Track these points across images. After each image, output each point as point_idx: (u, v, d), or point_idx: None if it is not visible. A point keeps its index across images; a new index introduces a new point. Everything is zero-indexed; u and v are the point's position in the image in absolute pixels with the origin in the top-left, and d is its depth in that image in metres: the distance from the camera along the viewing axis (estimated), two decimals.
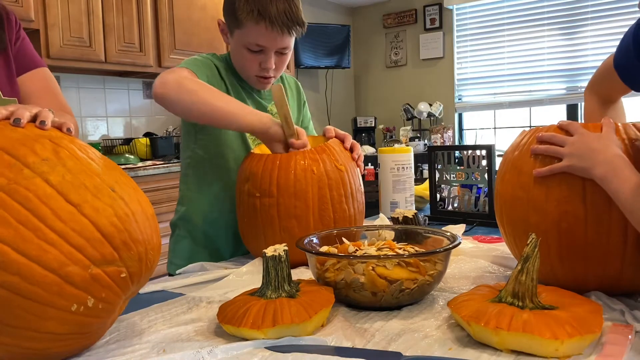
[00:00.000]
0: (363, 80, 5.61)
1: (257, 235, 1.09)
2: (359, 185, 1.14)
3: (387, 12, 5.33)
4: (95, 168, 0.66)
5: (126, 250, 0.64)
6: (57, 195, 0.61)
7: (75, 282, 0.60)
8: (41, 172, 0.61)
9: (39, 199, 0.59)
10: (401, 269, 0.80)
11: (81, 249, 0.60)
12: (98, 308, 0.63)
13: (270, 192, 1.05)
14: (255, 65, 1.25)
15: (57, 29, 2.80)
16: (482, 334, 0.66)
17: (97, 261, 0.61)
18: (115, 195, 0.65)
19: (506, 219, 0.89)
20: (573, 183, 0.79)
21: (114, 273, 0.63)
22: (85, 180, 0.63)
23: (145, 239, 0.67)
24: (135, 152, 3.38)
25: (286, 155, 1.07)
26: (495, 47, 4.80)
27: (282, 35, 1.20)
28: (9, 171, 0.59)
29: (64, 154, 0.65)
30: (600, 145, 0.78)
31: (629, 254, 0.77)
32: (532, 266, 0.68)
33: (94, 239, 0.61)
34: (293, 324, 0.69)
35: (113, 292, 0.64)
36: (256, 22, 1.18)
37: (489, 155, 1.39)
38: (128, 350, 0.69)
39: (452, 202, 1.50)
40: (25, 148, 0.62)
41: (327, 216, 1.06)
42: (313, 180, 1.05)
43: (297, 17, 1.20)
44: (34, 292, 0.57)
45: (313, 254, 0.85)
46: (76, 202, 0.61)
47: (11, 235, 0.57)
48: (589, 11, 4.33)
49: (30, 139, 0.64)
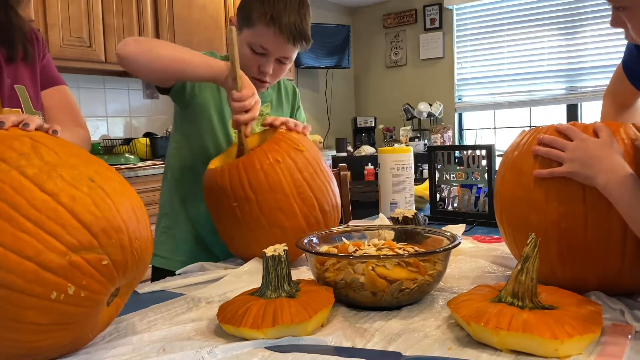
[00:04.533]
0: (363, 80, 5.61)
1: (249, 242, 1.09)
2: (319, 158, 1.16)
3: (387, 12, 5.33)
4: (74, 161, 0.67)
5: (106, 238, 0.64)
6: (33, 185, 0.62)
7: (53, 269, 0.60)
8: (17, 165, 0.62)
9: (14, 190, 0.60)
10: (401, 269, 0.80)
11: (57, 236, 0.60)
12: (80, 296, 0.62)
13: (247, 197, 1.04)
14: (254, 67, 1.27)
15: (57, 29, 2.80)
16: (481, 334, 0.66)
17: (75, 247, 0.61)
18: (94, 185, 0.66)
19: (506, 219, 0.89)
20: (573, 183, 0.79)
21: (94, 260, 0.63)
22: (62, 172, 0.64)
23: (129, 228, 0.67)
24: (135, 152, 3.37)
25: (246, 157, 1.08)
26: (495, 47, 4.80)
27: (287, 44, 1.25)
28: None
29: (42, 149, 0.66)
30: (601, 153, 0.78)
31: (629, 254, 0.77)
32: (532, 266, 0.68)
33: (70, 226, 0.61)
34: (293, 324, 0.69)
35: (95, 280, 0.63)
36: (267, 25, 1.22)
37: (488, 155, 1.39)
38: (128, 350, 0.69)
39: (452, 202, 1.50)
40: (4, 145, 0.64)
41: (307, 197, 1.07)
42: (282, 169, 1.06)
43: (305, 32, 1.26)
44: (11, 280, 0.58)
45: (313, 254, 0.85)
46: (52, 192, 0.62)
47: None
48: (589, 11, 4.33)
49: (9, 137, 0.66)
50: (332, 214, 1.14)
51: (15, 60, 1.04)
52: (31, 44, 1.08)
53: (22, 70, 1.06)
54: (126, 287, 0.71)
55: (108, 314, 0.70)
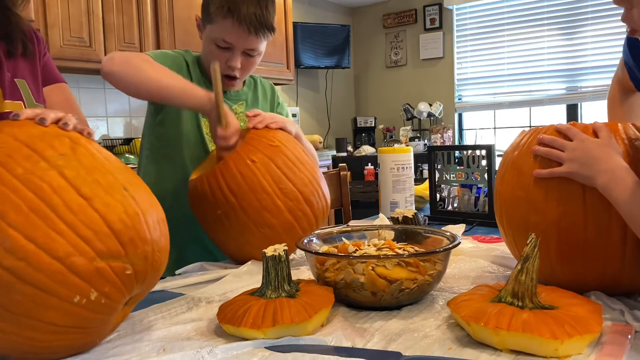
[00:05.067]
0: (363, 80, 5.61)
1: (241, 245, 1.09)
2: (298, 149, 1.13)
3: (387, 12, 5.33)
4: (110, 168, 0.68)
5: (133, 248, 0.65)
6: (70, 187, 0.62)
7: (80, 273, 0.60)
8: (57, 165, 0.63)
9: (52, 190, 0.61)
10: (401, 268, 0.80)
11: (88, 241, 0.61)
12: (100, 303, 0.63)
13: (229, 202, 1.04)
14: (221, 63, 1.25)
15: (57, 29, 2.80)
16: (481, 334, 0.66)
17: (103, 254, 0.62)
18: (127, 194, 0.67)
19: (506, 219, 0.89)
20: (573, 183, 0.79)
21: (119, 269, 0.64)
22: (99, 177, 0.65)
23: (153, 239, 0.68)
24: (135, 152, 3.37)
25: (222, 163, 1.07)
26: (495, 47, 4.80)
27: (249, 36, 1.22)
28: (26, 162, 0.62)
29: (80, 151, 0.67)
30: (601, 154, 0.78)
31: (629, 254, 0.77)
32: (531, 266, 0.68)
33: (101, 233, 0.62)
34: (293, 324, 0.69)
35: (116, 288, 0.64)
36: (224, 18, 1.20)
37: (488, 155, 1.39)
38: (128, 349, 0.69)
39: (452, 202, 1.50)
40: (44, 143, 0.65)
41: (290, 191, 1.06)
42: (259, 168, 1.05)
43: (266, 21, 1.22)
44: (38, 279, 0.58)
45: (313, 254, 0.85)
46: (88, 196, 0.63)
47: (22, 221, 0.58)
48: (589, 11, 4.33)
49: (50, 135, 0.67)
50: (320, 203, 1.12)
51: (15, 56, 1.05)
52: (31, 42, 1.09)
53: (22, 65, 1.07)
54: (137, 296, 0.72)
55: (116, 320, 0.71)
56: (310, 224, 1.10)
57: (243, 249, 1.10)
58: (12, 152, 0.63)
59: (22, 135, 0.65)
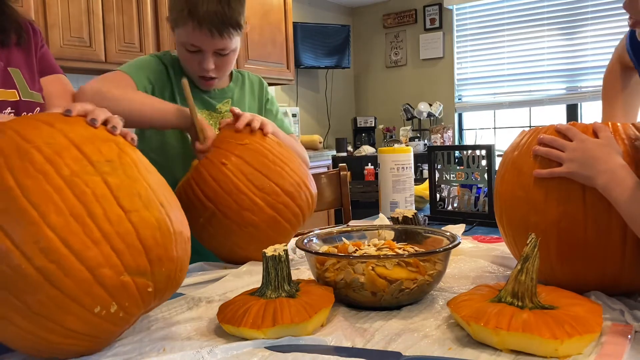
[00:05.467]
0: (363, 80, 5.61)
1: (231, 248, 1.10)
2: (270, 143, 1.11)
3: (387, 12, 5.33)
4: (150, 181, 0.68)
5: (159, 266, 0.65)
6: (112, 197, 0.62)
7: (106, 285, 0.61)
8: (102, 171, 0.63)
9: (95, 197, 0.61)
10: (401, 268, 0.80)
11: (120, 254, 0.61)
12: (118, 316, 0.63)
13: (208, 209, 1.04)
14: (195, 65, 1.24)
15: (57, 28, 2.80)
16: (481, 334, 0.66)
17: (131, 269, 0.62)
18: (163, 211, 0.67)
19: (506, 219, 0.89)
20: (573, 183, 0.79)
21: (142, 285, 0.64)
22: (140, 190, 0.65)
23: (178, 258, 0.69)
24: None
25: (194, 171, 1.07)
26: (495, 47, 4.80)
27: (213, 38, 1.18)
28: (74, 164, 0.62)
29: (126, 160, 0.67)
30: (601, 154, 0.78)
31: (629, 254, 0.77)
32: (531, 266, 0.68)
33: (133, 247, 0.62)
34: (293, 324, 0.69)
35: (135, 304, 0.65)
36: (185, 22, 1.17)
37: (488, 155, 1.40)
38: (128, 349, 0.69)
39: (452, 202, 1.50)
40: (94, 146, 0.65)
41: (266, 186, 1.05)
42: (230, 169, 1.04)
43: (229, 19, 1.17)
44: (66, 284, 0.58)
45: (313, 254, 0.85)
46: (127, 208, 0.63)
47: (61, 224, 0.59)
48: (589, 11, 4.33)
49: (99, 139, 0.67)
50: (300, 192, 1.09)
51: (8, 45, 1.04)
52: (26, 33, 1.08)
53: (16, 55, 1.06)
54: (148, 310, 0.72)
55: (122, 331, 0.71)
56: (295, 215, 1.09)
57: (233, 252, 1.10)
58: (61, 150, 0.63)
59: (73, 135, 0.65)
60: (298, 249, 0.88)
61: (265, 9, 3.95)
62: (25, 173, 0.60)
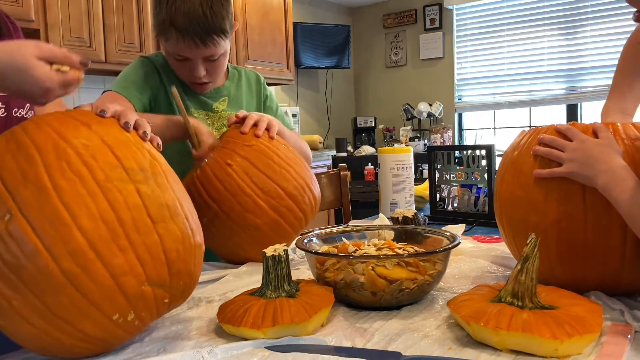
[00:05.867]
0: (363, 80, 5.61)
1: (232, 250, 1.10)
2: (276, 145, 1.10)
3: (387, 12, 5.33)
4: (178, 193, 0.68)
5: (177, 279, 0.66)
6: (142, 206, 0.63)
7: (127, 293, 0.61)
8: (136, 180, 0.63)
9: (126, 205, 0.61)
10: (401, 268, 0.80)
11: (144, 264, 0.62)
12: (133, 324, 0.64)
13: (211, 209, 1.04)
14: (186, 73, 1.23)
15: (57, 29, 2.80)
16: (481, 334, 0.66)
17: (152, 280, 0.63)
18: (187, 224, 0.67)
19: (506, 219, 0.89)
20: (573, 183, 0.79)
21: (160, 296, 0.65)
22: (168, 201, 0.66)
23: (195, 273, 0.69)
24: None
25: (200, 170, 1.07)
26: (495, 47, 4.80)
27: (197, 47, 1.15)
28: (109, 169, 0.62)
29: (157, 170, 0.67)
30: (601, 154, 0.78)
31: (629, 254, 0.77)
32: (531, 266, 0.68)
33: (157, 259, 0.63)
34: (293, 324, 0.69)
35: (150, 314, 0.65)
36: (168, 33, 1.15)
37: (488, 155, 1.40)
38: (128, 349, 0.69)
39: (452, 202, 1.50)
40: (129, 153, 0.65)
41: (270, 189, 1.04)
42: (235, 170, 1.04)
43: (212, 27, 1.14)
44: (89, 289, 0.59)
45: (313, 254, 0.85)
46: (155, 219, 0.63)
47: (92, 229, 0.59)
48: (589, 11, 4.33)
49: (133, 144, 0.67)
50: (305, 196, 1.09)
51: None
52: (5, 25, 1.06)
53: None
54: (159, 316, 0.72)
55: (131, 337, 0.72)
56: (297, 219, 1.08)
57: (234, 253, 1.10)
58: (97, 154, 0.63)
59: (109, 138, 0.65)
60: (298, 249, 0.88)
61: (265, 9, 3.95)
62: (62, 173, 0.60)
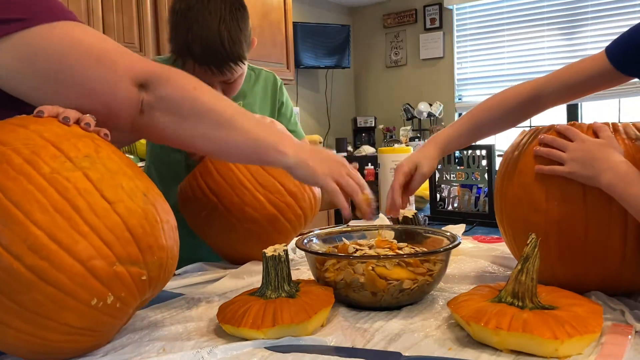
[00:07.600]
0: (363, 80, 5.60)
1: (231, 245, 1.10)
2: None
3: (387, 12, 5.33)
4: (130, 172, 0.68)
5: (150, 254, 0.65)
6: (95, 190, 0.63)
7: (100, 276, 0.61)
8: (82, 166, 0.63)
9: (78, 191, 0.61)
10: (401, 269, 0.80)
11: (110, 245, 0.61)
12: (115, 307, 0.64)
13: (211, 202, 1.04)
14: None
15: None
16: (481, 334, 0.66)
17: (123, 259, 0.62)
18: (147, 200, 0.67)
19: (506, 219, 0.89)
20: (573, 183, 0.79)
21: (136, 274, 0.64)
22: (122, 181, 0.66)
23: (168, 246, 0.69)
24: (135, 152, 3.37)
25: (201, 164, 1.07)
26: (495, 47, 4.79)
27: (214, 74, 1.13)
28: (52, 161, 0.62)
29: (103, 154, 0.67)
30: (602, 153, 0.78)
31: (629, 254, 0.77)
32: (532, 266, 0.68)
33: (123, 238, 0.63)
34: (293, 324, 0.69)
35: (131, 293, 0.65)
36: (185, 59, 1.13)
37: (489, 155, 1.40)
38: (128, 349, 0.69)
39: (452, 202, 1.50)
40: (69, 143, 0.65)
41: (270, 183, 1.05)
42: (237, 165, 1.04)
43: (229, 55, 1.11)
44: (59, 280, 0.58)
45: (313, 254, 0.85)
46: (111, 200, 0.63)
47: (47, 221, 0.59)
48: (589, 11, 4.33)
49: (74, 136, 0.67)
50: (304, 193, 1.09)
51: None
52: None
53: None
54: (144, 301, 0.72)
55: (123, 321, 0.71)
56: (296, 216, 1.08)
57: (233, 248, 1.10)
58: (38, 150, 0.63)
59: (48, 134, 0.65)
60: (298, 249, 0.88)
61: (265, 9, 3.95)
62: (5, 175, 0.60)
